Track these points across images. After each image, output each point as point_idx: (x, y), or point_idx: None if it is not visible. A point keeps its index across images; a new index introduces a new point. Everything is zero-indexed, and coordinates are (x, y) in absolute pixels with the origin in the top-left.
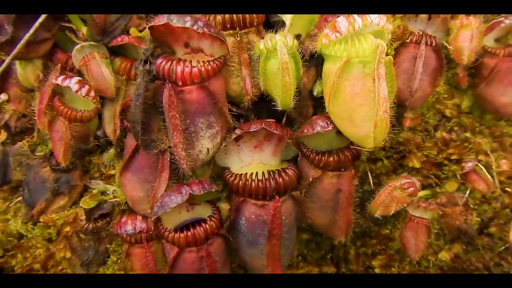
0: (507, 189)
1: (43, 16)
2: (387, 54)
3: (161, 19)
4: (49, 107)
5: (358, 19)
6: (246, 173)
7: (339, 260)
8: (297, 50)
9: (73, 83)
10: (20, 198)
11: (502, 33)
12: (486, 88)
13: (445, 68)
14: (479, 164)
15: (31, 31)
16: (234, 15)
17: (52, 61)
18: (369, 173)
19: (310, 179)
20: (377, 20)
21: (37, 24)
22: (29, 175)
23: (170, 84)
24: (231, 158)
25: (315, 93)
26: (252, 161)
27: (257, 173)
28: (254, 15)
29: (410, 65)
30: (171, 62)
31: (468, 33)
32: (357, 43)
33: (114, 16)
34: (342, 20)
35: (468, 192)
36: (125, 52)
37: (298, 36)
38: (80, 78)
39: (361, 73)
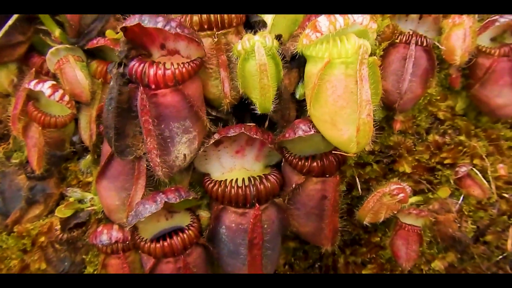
0: (505, 194)
1: (13, 18)
2: (374, 55)
3: (132, 20)
4: (24, 112)
5: (339, 19)
6: (226, 180)
7: (328, 269)
8: (278, 51)
9: (46, 87)
10: None
11: (497, 32)
12: (481, 89)
13: (437, 68)
14: (474, 169)
15: (1, 33)
16: (212, 15)
17: (27, 65)
18: (357, 179)
19: (294, 185)
20: (360, 19)
21: (6, 26)
22: (4, 183)
23: (142, 88)
24: (212, 164)
25: (297, 96)
26: (234, 167)
27: (237, 179)
28: (233, 15)
29: (399, 66)
30: (143, 65)
31: (460, 32)
32: (339, 43)
33: (90, 17)
34: (323, 20)
35: (462, 198)
36: (103, 54)
37: (278, 37)
38: (54, 82)
39: (343, 74)
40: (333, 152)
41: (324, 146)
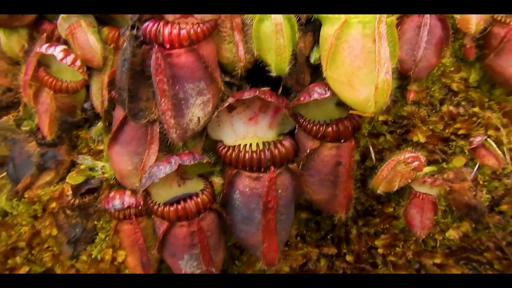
0: None
1: None
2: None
3: None
4: (35, 78)
5: None
6: (240, 145)
7: (340, 241)
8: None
9: (57, 51)
10: (5, 174)
11: None
12: (496, 59)
13: (451, 38)
14: (488, 139)
15: None
16: None
17: (38, 32)
18: (371, 147)
19: (308, 150)
20: None
21: None
22: (14, 150)
23: (157, 47)
24: (225, 130)
25: (312, 60)
26: (246, 134)
27: (251, 144)
28: None
29: (414, 35)
30: (158, 24)
31: None
32: None
33: None
34: None
35: (477, 167)
36: (113, 21)
37: None
38: (65, 46)
39: (360, 34)
40: (351, 114)
41: (338, 112)
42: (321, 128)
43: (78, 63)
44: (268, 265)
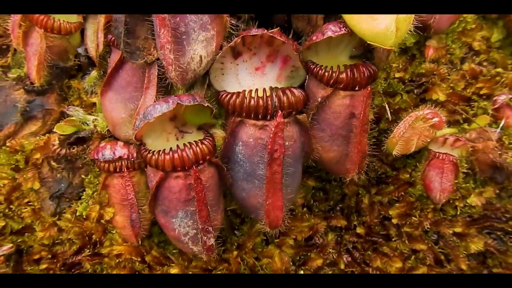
0: None
1: None
2: None
3: None
4: (25, 18)
5: None
6: (245, 90)
7: (351, 212)
8: None
9: None
10: None
11: None
12: None
13: None
14: None
15: None
16: None
17: None
18: (386, 105)
19: (319, 99)
20: None
21: None
22: None
23: None
24: (229, 80)
25: None
26: (252, 86)
27: (257, 89)
28: None
29: None
30: None
31: None
32: None
33: None
34: None
35: (502, 124)
36: None
37: None
38: None
39: None
40: (369, 42)
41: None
42: (334, 74)
43: None
44: (272, 226)
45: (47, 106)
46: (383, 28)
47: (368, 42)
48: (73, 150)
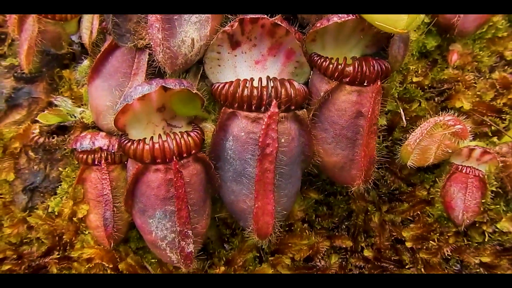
0: None
1: None
2: None
3: None
4: None
5: None
6: (239, 79)
7: (358, 231)
8: None
9: None
10: None
11: None
12: None
13: None
14: None
15: None
16: None
17: None
18: (401, 112)
19: (322, 93)
20: None
21: None
22: None
23: None
24: (226, 73)
25: None
26: None
27: (252, 78)
28: None
29: None
30: None
31: None
32: None
33: None
34: None
35: None
36: None
37: None
38: None
39: None
40: (377, 27)
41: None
42: (339, 66)
43: None
44: (260, 234)
45: (35, 94)
46: None
47: (377, 26)
48: (53, 140)
